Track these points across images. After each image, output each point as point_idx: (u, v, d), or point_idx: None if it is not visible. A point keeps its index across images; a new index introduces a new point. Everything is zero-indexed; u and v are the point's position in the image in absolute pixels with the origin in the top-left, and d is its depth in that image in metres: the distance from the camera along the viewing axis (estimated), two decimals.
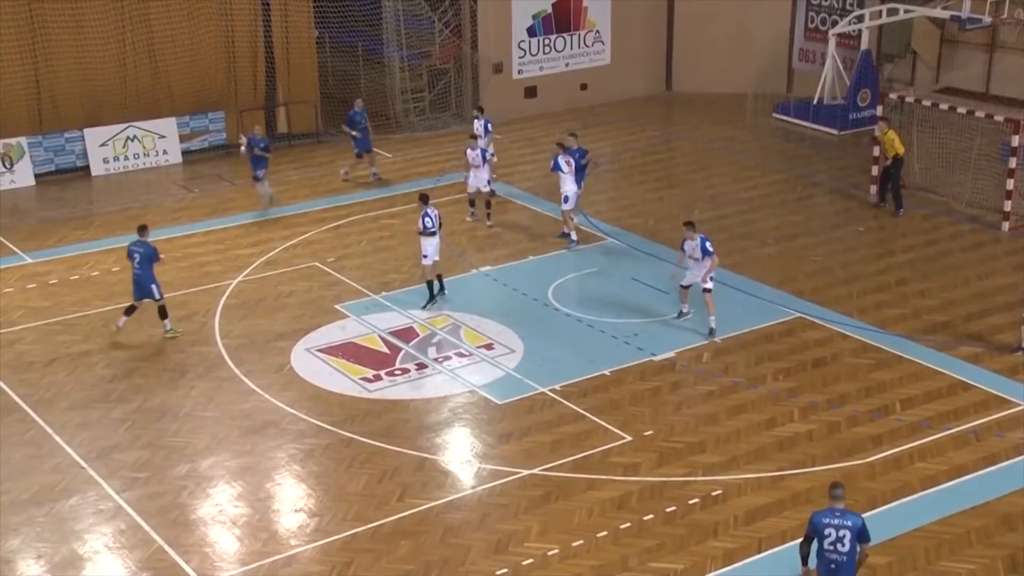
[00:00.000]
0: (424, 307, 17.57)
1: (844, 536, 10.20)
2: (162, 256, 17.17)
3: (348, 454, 14.04)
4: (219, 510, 13.01)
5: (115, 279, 19.10)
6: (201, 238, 20.83)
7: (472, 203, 21.19)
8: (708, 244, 16.59)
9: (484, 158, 20.75)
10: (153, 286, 16.81)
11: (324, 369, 16.07)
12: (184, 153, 25.04)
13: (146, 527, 12.65)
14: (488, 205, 21.01)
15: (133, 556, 12.23)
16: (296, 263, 19.67)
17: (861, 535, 10.26)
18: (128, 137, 24.40)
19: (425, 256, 17.53)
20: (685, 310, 17.14)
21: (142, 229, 17.10)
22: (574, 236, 19.96)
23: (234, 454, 14.08)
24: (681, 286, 17.09)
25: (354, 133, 23.33)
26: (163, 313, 16.98)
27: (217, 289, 18.51)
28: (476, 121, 22.52)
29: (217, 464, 13.87)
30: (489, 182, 20.92)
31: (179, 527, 12.68)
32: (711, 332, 16.65)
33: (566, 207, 19.83)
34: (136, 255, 16.76)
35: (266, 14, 25.41)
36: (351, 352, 16.53)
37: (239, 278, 18.80)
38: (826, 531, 10.28)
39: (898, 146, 21.08)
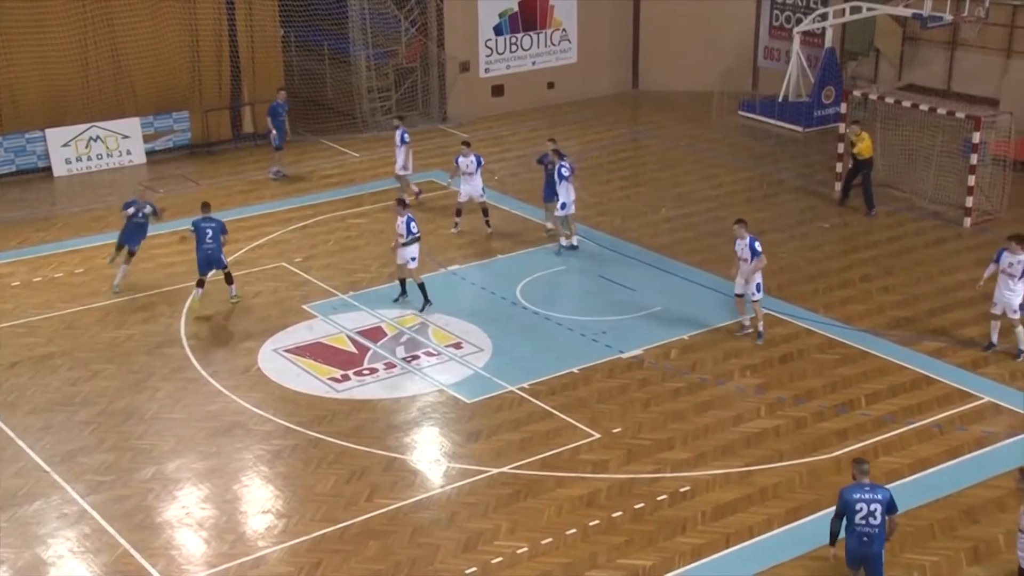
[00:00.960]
0: (422, 309, 17.40)
1: (875, 510, 10.52)
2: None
3: (316, 455, 13.98)
4: (186, 512, 12.91)
5: (78, 281, 18.91)
6: (166, 239, 20.59)
7: (459, 212, 20.56)
8: (757, 244, 16.21)
9: (479, 164, 20.30)
10: (222, 256, 17.68)
11: (292, 369, 15.99)
12: (148, 153, 24.82)
13: (111, 531, 12.53)
14: (485, 212, 20.61)
15: (98, 560, 12.11)
16: (263, 263, 19.56)
17: (890, 507, 10.61)
18: (91, 137, 24.15)
19: (414, 259, 17.35)
20: (747, 323, 16.65)
21: (206, 206, 17.91)
22: (564, 241, 19.64)
23: (201, 456, 13.97)
24: (736, 295, 16.58)
25: (272, 131, 23.32)
26: (229, 279, 17.88)
27: (183, 290, 18.35)
28: (397, 132, 21.75)
29: (184, 466, 13.77)
30: (484, 190, 20.50)
31: (145, 530, 12.57)
32: (759, 335, 16.40)
33: (561, 213, 19.40)
34: (208, 230, 17.48)
35: (230, 13, 25.22)
36: (319, 352, 16.46)
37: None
38: (857, 506, 10.54)
39: (862, 148, 21.13)
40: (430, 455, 14.12)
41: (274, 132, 23.46)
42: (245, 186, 23.33)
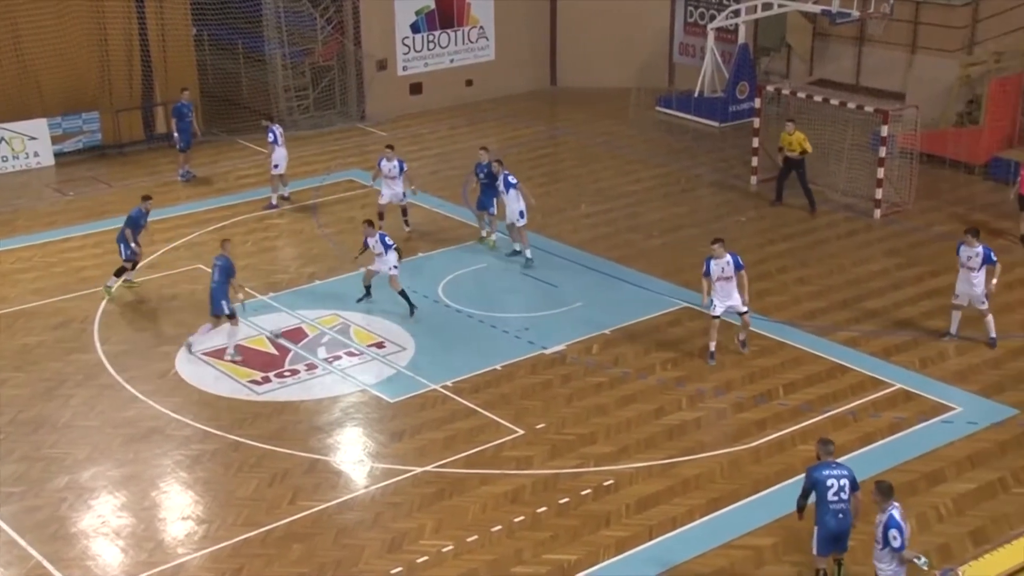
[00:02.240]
0: (412, 314, 17.18)
1: (844, 485, 10.86)
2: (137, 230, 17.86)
3: (237, 458, 13.77)
4: (102, 521, 12.61)
5: None
6: (78, 242, 20.15)
7: (381, 216, 19.89)
8: (740, 259, 15.67)
9: (401, 169, 19.90)
10: (121, 245, 17.71)
11: (211, 373, 15.72)
12: (57, 155, 24.18)
13: (22, 543, 12.18)
14: (404, 212, 20.34)
15: (9, 573, 11.76)
16: (179, 265, 19.19)
17: (853, 483, 10.92)
18: None
19: (395, 267, 17.18)
20: (712, 348, 15.78)
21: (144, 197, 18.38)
22: (528, 253, 19.16)
23: (117, 463, 13.66)
24: (713, 317, 15.73)
25: (175, 133, 23.00)
26: (119, 273, 17.85)
27: (96, 294, 17.93)
28: (269, 133, 21.37)
29: (99, 474, 13.44)
30: (406, 194, 20.03)
31: (59, 541, 12.24)
32: (743, 344, 16.15)
33: (521, 223, 19.09)
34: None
35: (140, 10, 24.67)
36: (238, 354, 16.19)
37: (119, 282, 18.22)
38: (828, 482, 10.82)
39: (807, 145, 21.34)
40: (353, 456, 14.01)
41: (176, 135, 23.01)
42: (160, 187, 22.83)
